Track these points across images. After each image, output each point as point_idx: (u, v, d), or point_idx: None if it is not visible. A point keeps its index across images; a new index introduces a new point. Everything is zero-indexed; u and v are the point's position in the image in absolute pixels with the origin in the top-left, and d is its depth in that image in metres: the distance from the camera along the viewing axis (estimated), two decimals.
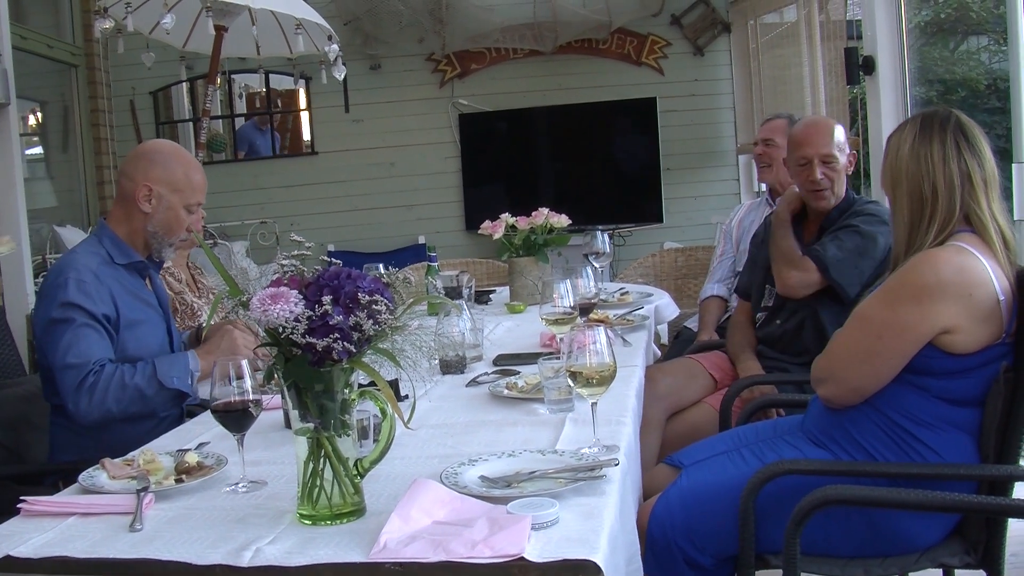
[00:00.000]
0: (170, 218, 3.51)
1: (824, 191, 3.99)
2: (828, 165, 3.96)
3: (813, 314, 3.94)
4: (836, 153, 3.96)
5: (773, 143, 5.20)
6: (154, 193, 3.48)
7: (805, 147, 4.03)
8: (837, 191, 3.99)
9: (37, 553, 2.15)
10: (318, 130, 9.66)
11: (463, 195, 9.54)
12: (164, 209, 3.49)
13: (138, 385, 3.24)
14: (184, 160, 3.58)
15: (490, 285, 6.25)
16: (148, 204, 3.48)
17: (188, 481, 2.51)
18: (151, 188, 3.47)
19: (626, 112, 9.49)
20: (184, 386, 3.30)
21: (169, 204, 3.50)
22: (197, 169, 3.60)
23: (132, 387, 3.24)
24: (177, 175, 3.51)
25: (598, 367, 2.52)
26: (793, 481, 2.73)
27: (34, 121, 8.48)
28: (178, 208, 3.52)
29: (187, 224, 3.56)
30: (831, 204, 4.01)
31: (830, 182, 3.96)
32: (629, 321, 4.29)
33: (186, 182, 3.53)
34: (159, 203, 3.49)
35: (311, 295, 2.08)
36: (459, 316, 3.58)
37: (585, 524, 2.05)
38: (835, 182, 3.97)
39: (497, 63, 9.59)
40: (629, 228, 9.35)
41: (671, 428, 3.99)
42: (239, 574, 2.02)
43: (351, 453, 2.22)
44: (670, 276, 7.12)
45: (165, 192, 3.49)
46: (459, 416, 3.04)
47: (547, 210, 5.05)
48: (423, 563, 1.93)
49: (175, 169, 3.51)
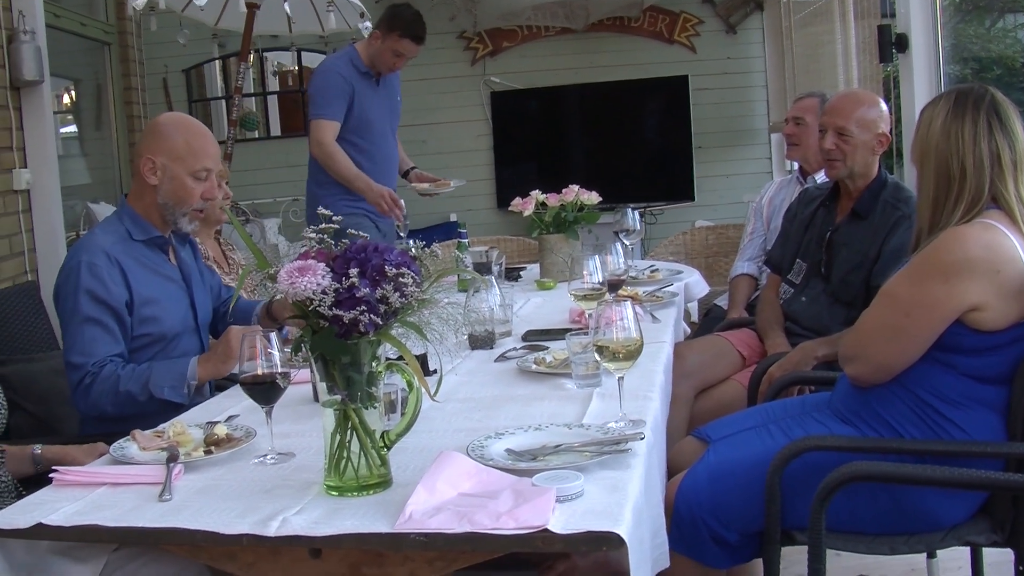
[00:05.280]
0: (176, 187, 3.47)
1: (834, 161, 3.98)
2: (840, 137, 3.93)
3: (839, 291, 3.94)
4: (851, 128, 3.92)
5: (803, 122, 5.17)
6: (157, 165, 3.45)
7: (826, 114, 4.07)
8: (851, 165, 3.95)
9: (68, 521, 2.18)
10: None
11: (494, 173, 9.54)
12: (169, 179, 3.46)
13: (130, 391, 3.24)
14: (185, 128, 3.53)
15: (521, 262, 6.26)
16: (154, 176, 3.46)
17: (217, 453, 2.54)
18: (154, 160, 3.45)
19: (658, 90, 9.46)
20: (176, 396, 3.25)
21: (173, 174, 3.46)
22: (200, 135, 3.54)
23: (124, 393, 3.24)
24: (177, 143, 3.46)
25: (625, 342, 2.53)
26: (820, 457, 2.73)
27: (68, 99, 8.51)
28: (183, 177, 3.46)
29: (199, 192, 3.50)
30: (842, 175, 4.00)
31: (841, 154, 3.94)
32: (658, 298, 4.29)
33: (186, 149, 3.47)
34: (164, 174, 3.45)
35: (338, 268, 2.09)
36: (488, 292, 3.59)
37: (610, 497, 2.06)
38: (848, 155, 3.94)
39: (529, 41, 9.57)
40: (660, 206, 9.33)
41: (699, 405, 4.00)
42: (266, 543, 2.05)
43: (378, 425, 2.23)
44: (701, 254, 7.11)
45: (167, 162, 3.45)
46: (487, 390, 3.06)
47: (577, 187, 5.05)
48: (448, 534, 1.95)
49: (175, 138, 3.47)
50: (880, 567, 3.88)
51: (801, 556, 2.71)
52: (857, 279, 3.87)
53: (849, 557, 2.98)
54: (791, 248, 4.23)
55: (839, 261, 3.95)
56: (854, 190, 3.99)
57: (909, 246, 2.99)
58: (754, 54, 9.49)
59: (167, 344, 3.51)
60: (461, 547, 1.97)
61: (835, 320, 3.85)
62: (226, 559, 2.16)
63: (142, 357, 3.42)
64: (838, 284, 3.93)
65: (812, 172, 5.19)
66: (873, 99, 4.04)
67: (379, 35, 5.92)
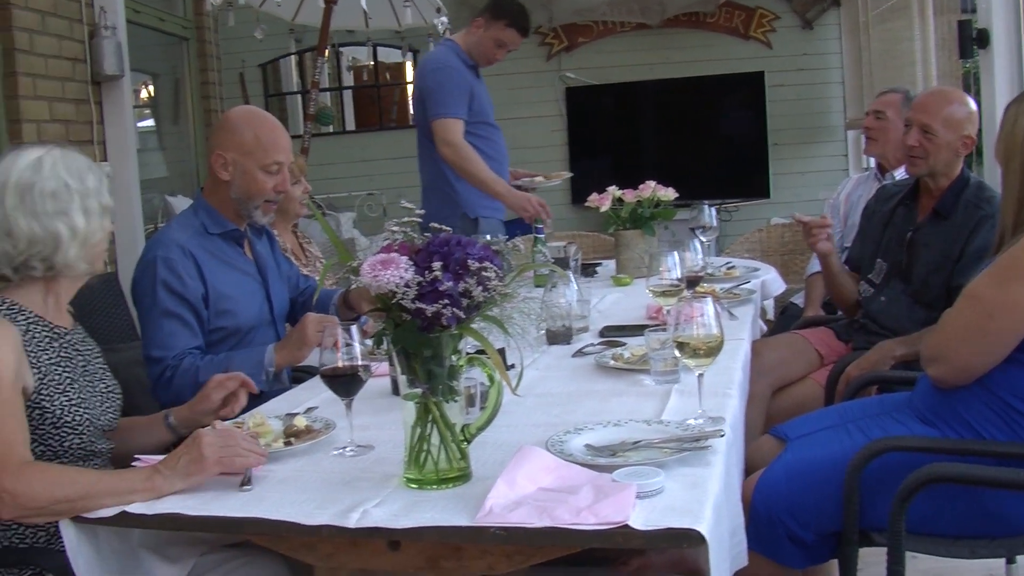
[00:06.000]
0: (248, 182, 3.50)
1: (916, 158, 3.91)
2: (925, 135, 3.87)
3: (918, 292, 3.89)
4: (937, 126, 3.86)
5: (883, 116, 5.11)
6: (228, 160, 3.48)
7: (913, 110, 4.00)
8: (932, 164, 3.88)
9: (151, 509, 2.21)
10: None
11: (569, 168, 9.51)
12: (240, 174, 3.49)
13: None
14: (254, 122, 3.55)
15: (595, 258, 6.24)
16: (226, 172, 3.49)
17: (297, 444, 2.56)
18: (224, 156, 3.48)
19: (733, 86, 9.40)
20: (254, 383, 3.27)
21: (244, 168, 3.49)
22: (270, 129, 3.55)
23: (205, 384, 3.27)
24: (246, 138, 3.49)
25: (705, 338, 2.51)
26: (899, 458, 2.70)
27: (146, 94, 8.62)
28: (254, 171, 3.49)
29: (271, 185, 3.53)
30: (922, 173, 3.93)
31: (924, 152, 3.87)
32: (736, 295, 4.26)
33: (255, 143, 3.49)
34: (235, 169, 3.49)
35: (421, 261, 2.10)
36: (566, 287, 3.59)
37: (690, 494, 2.05)
38: (930, 154, 3.87)
39: (604, 36, 9.54)
40: (735, 203, 9.27)
41: (776, 403, 3.97)
42: (346, 535, 2.06)
43: (458, 419, 2.24)
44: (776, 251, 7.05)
45: (238, 157, 3.48)
46: (565, 386, 3.05)
47: (654, 183, 5.02)
48: (528, 528, 1.95)
49: (244, 133, 3.49)
50: (957, 571, 3.82)
51: (876, 558, 2.69)
52: (938, 280, 3.81)
53: (925, 559, 2.95)
54: (870, 247, 4.18)
55: (920, 262, 3.89)
56: (935, 189, 3.93)
57: (992, 247, 2.94)
58: (831, 50, 9.40)
59: (243, 337, 3.54)
60: (540, 542, 1.97)
61: (915, 322, 3.79)
62: (305, 550, 2.17)
63: (219, 351, 3.45)
64: (919, 285, 3.87)
65: (891, 168, 5.13)
66: (963, 99, 3.97)
67: (482, 23, 5.71)
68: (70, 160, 2.64)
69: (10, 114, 5.72)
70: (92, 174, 2.67)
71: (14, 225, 2.54)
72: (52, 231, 2.56)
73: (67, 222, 2.58)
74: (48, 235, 2.56)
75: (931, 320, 3.53)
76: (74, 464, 2.57)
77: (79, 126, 6.37)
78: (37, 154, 2.61)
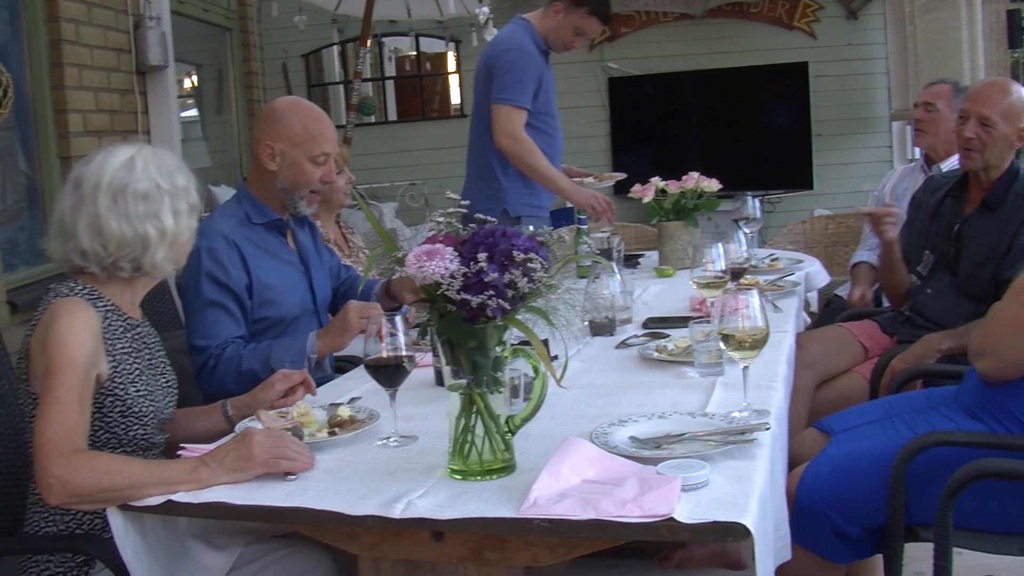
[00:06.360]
0: (295, 173, 3.50)
1: (972, 151, 3.85)
2: (983, 127, 3.82)
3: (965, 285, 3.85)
4: (996, 118, 3.80)
5: (933, 108, 5.05)
6: (276, 150, 3.48)
7: (968, 101, 3.92)
8: (989, 157, 3.83)
9: (196, 498, 2.22)
10: (468, 93, 9.68)
11: (611, 159, 9.50)
12: (288, 165, 3.49)
13: (253, 369, 3.29)
14: (302, 113, 3.55)
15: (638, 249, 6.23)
16: (273, 162, 3.49)
17: (341, 434, 2.56)
18: (272, 146, 3.48)
19: (777, 77, 9.35)
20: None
21: (292, 159, 3.49)
22: (317, 119, 3.55)
23: (248, 371, 3.29)
24: (295, 129, 3.49)
25: (751, 331, 2.49)
26: (946, 453, 2.68)
27: (190, 84, 8.66)
28: (301, 162, 3.49)
29: (318, 176, 3.54)
30: (977, 167, 3.86)
31: (981, 145, 3.81)
32: (780, 287, 4.23)
33: (304, 135, 3.49)
34: (282, 159, 3.49)
35: (466, 252, 2.09)
36: (610, 278, 3.58)
37: (735, 487, 2.04)
38: (987, 147, 3.81)
39: (647, 26, 9.51)
40: (778, 195, 9.23)
41: (820, 396, 3.95)
42: (390, 525, 2.06)
43: (502, 410, 2.23)
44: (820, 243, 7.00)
45: (286, 148, 3.48)
46: (609, 377, 3.05)
47: (697, 174, 4.99)
48: (572, 520, 1.94)
49: (292, 123, 3.49)
50: (1005, 568, 3.78)
51: (921, 553, 2.67)
52: (986, 273, 3.77)
53: (971, 556, 2.91)
54: (917, 238, 4.14)
55: (968, 254, 3.84)
56: (985, 181, 3.88)
57: None
58: (875, 40, 9.33)
59: (286, 327, 3.55)
60: (585, 534, 1.96)
61: (962, 315, 3.75)
62: (348, 540, 2.18)
63: (262, 340, 3.46)
64: (966, 278, 3.83)
65: (939, 160, 5.07)
66: (1020, 90, 3.91)
67: (561, 8, 5.36)
68: (160, 160, 2.66)
69: (57, 104, 5.77)
70: (181, 173, 2.69)
71: (105, 226, 2.56)
72: (141, 233, 2.58)
73: (156, 224, 2.60)
74: (137, 237, 2.58)
75: (978, 313, 3.50)
76: (134, 454, 2.60)
77: (124, 116, 6.41)
78: (129, 154, 2.63)
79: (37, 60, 5.68)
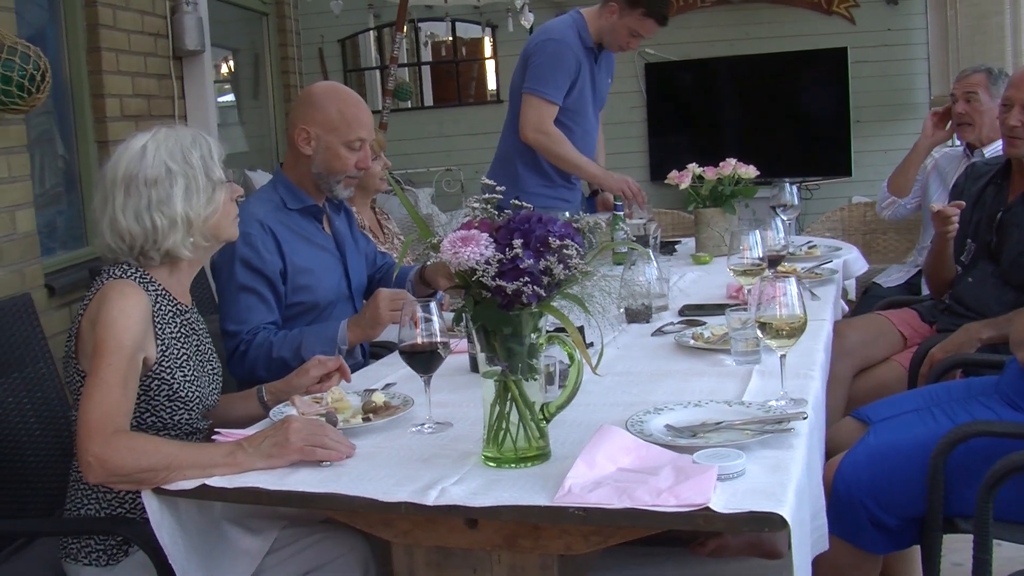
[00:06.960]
0: (330, 158, 3.51)
1: (1017, 139, 3.81)
2: None
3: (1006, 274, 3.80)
4: None
5: (975, 98, 4.99)
6: (312, 135, 3.49)
7: (1012, 88, 3.88)
8: None
9: (231, 483, 2.23)
10: (504, 78, 9.64)
11: (648, 145, 9.45)
12: (323, 150, 3.50)
13: (283, 357, 3.30)
14: (338, 98, 3.55)
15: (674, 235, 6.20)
16: (308, 147, 3.50)
17: (375, 420, 2.56)
18: (308, 131, 3.49)
19: (815, 62, 9.26)
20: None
21: (327, 144, 3.50)
22: (354, 105, 3.55)
23: (278, 359, 3.30)
24: (330, 114, 3.49)
25: (788, 319, 2.47)
26: (986, 444, 2.65)
27: (226, 69, 8.67)
28: (337, 147, 3.50)
29: (353, 162, 3.54)
30: (1022, 154, 3.82)
31: None
32: (817, 275, 4.20)
33: (340, 119, 3.49)
34: (318, 144, 3.49)
35: (502, 238, 2.08)
36: (646, 265, 3.57)
37: (772, 477, 2.03)
38: None
39: (684, 12, 9.43)
40: (816, 181, 9.16)
41: (858, 385, 3.92)
42: (424, 512, 2.06)
43: (537, 397, 2.22)
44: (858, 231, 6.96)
45: (321, 133, 3.49)
46: (644, 365, 3.04)
47: (735, 160, 4.96)
48: (607, 509, 1.93)
49: (328, 108, 3.50)
50: None
51: (958, 544, 2.65)
52: None
53: (1010, 548, 2.88)
54: (959, 226, 4.09)
55: (1011, 243, 3.79)
56: None
57: None
58: (916, 25, 9.22)
59: (320, 312, 3.56)
60: (620, 522, 1.95)
61: (1003, 304, 3.70)
62: (382, 526, 2.18)
63: (296, 326, 3.47)
64: (1008, 266, 3.78)
65: (981, 146, 5.02)
66: None
67: (616, 9, 5.20)
68: (172, 141, 2.64)
69: (94, 89, 5.80)
70: (197, 150, 2.66)
71: (119, 222, 2.58)
72: (149, 227, 2.58)
73: (167, 211, 2.59)
74: (142, 230, 2.58)
75: (1020, 303, 3.47)
76: (178, 439, 2.60)
77: (161, 101, 6.44)
78: (142, 141, 2.62)
79: (75, 45, 5.71)
